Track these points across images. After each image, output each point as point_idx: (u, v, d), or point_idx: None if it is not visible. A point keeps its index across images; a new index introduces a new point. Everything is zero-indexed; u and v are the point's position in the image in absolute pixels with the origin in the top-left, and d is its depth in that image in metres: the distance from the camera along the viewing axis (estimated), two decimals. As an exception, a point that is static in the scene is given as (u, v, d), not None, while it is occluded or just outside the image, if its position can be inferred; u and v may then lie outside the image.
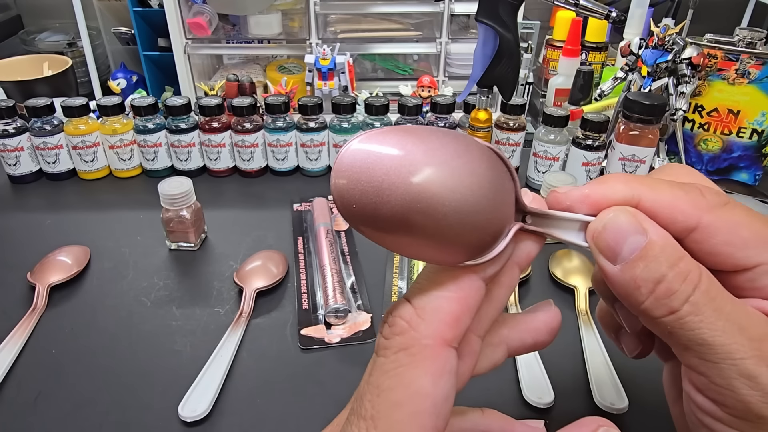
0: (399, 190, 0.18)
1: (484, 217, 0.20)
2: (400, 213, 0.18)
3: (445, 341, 0.19)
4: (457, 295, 0.20)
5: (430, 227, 0.19)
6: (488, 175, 0.20)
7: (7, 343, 0.49)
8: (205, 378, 0.46)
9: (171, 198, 0.60)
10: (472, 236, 0.20)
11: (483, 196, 0.20)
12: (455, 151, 0.20)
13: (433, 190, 0.19)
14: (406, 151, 0.19)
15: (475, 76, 0.63)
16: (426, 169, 0.19)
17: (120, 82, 1.08)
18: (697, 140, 0.79)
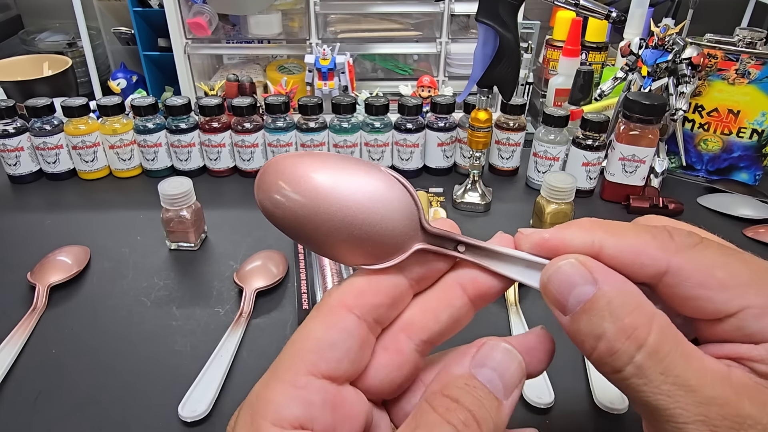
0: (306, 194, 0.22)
1: (379, 228, 0.22)
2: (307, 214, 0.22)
3: (346, 306, 0.22)
4: (366, 277, 0.23)
5: (336, 232, 0.22)
6: (386, 194, 0.23)
7: (7, 343, 0.49)
8: (205, 378, 0.46)
9: (171, 198, 0.60)
10: (368, 244, 0.22)
11: (378, 210, 0.22)
12: (356, 168, 0.23)
13: (335, 195, 0.22)
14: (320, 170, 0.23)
15: (475, 76, 0.63)
16: (327, 177, 0.22)
17: (120, 82, 1.08)
18: (697, 140, 0.79)
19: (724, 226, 0.71)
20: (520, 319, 0.53)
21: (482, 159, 0.73)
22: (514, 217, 0.71)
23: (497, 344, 0.21)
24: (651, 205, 0.72)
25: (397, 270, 0.23)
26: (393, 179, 0.23)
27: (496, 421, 0.20)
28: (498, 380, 0.20)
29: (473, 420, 0.19)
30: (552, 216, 0.64)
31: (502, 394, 0.20)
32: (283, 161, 0.22)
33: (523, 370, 0.21)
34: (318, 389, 0.21)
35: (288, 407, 0.20)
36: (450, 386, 0.20)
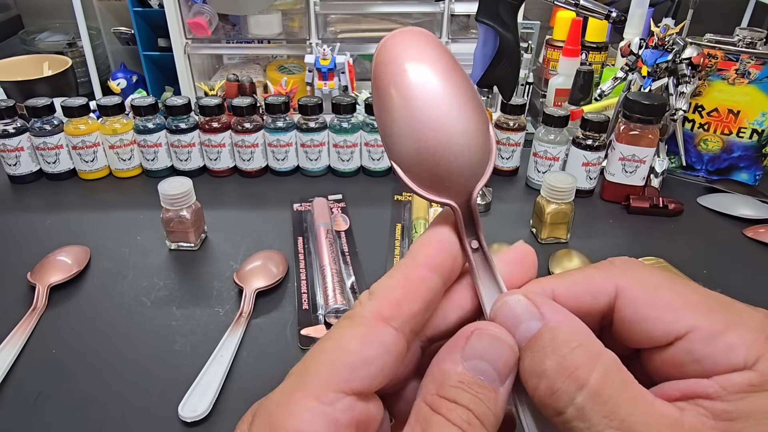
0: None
1: (471, 157, 0.22)
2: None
3: (383, 318, 0.20)
4: (401, 283, 0.21)
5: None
6: (478, 135, 0.22)
7: (7, 343, 0.49)
8: (205, 378, 0.46)
9: (171, 198, 0.60)
10: (461, 161, 0.21)
11: (477, 142, 0.22)
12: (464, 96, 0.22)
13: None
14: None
15: (475, 76, 0.63)
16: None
17: (120, 82, 1.08)
18: (697, 140, 0.79)
19: (724, 226, 0.71)
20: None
21: (482, 159, 0.72)
22: (514, 217, 0.71)
23: (484, 332, 0.20)
24: (651, 205, 0.72)
25: (431, 270, 0.21)
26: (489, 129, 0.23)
27: (495, 411, 0.19)
28: (491, 370, 0.20)
29: (475, 418, 0.19)
30: (552, 216, 0.64)
31: (498, 382, 0.20)
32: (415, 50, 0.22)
33: (515, 352, 0.20)
34: (346, 407, 0.19)
35: (312, 424, 0.19)
36: (445, 386, 0.20)
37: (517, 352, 0.20)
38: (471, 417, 0.19)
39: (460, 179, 0.22)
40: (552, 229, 0.65)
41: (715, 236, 0.69)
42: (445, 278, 0.22)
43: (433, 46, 0.22)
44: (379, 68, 0.22)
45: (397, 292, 0.21)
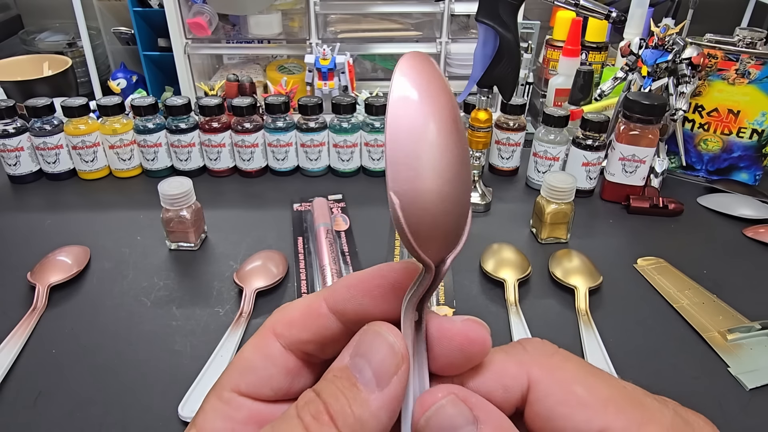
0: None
1: (454, 216, 0.19)
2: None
3: (275, 332, 0.21)
4: (302, 309, 0.21)
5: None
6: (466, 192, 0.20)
7: (7, 343, 0.49)
8: (205, 378, 0.46)
9: (171, 198, 0.60)
10: (446, 223, 0.19)
11: (463, 199, 0.19)
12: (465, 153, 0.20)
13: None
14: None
15: (475, 76, 0.63)
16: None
17: (120, 82, 1.08)
18: (697, 140, 0.79)
19: (724, 226, 0.71)
20: (520, 319, 0.53)
21: (482, 159, 0.73)
22: (514, 217, 0.71)
23: (368, 327, 0.19)
24: (651, 205, 0.72)
25: (333, 311, 0.21)
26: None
27: (360, 414, 0.17)
28: (367, 369, 0.18)
29: (325, 413, 0.18)
30: (552, 216, 0.64)
31: (373, 384, 0.18)
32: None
33: (398, 355, 0.18)
34: (240, 406, 0.21)
35: (211, 419, 0.20)
36: (322, 379, 0.19)
37: (400, 355, 0.18)
38: (320, 412, 0.18)
39: (446, 242, 0.19)
40: (552, 229, 0.65)
41: (715, 236, 0.69)
42: (349, 325, 0.21)
43: (444, 84, 0.20)
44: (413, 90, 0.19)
45: (294, 314, 0.21)
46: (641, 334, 0.53)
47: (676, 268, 0.62)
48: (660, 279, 0.60)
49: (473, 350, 0.20)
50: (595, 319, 0.53)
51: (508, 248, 0.62)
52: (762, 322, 0.53)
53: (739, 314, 0.55)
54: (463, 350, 0.20)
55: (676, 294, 0.58)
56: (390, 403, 0.18)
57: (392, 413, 0.18)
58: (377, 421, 0.18)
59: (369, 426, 0.18)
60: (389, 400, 0.18)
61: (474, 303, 0.57)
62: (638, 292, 0.59)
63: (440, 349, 0.20)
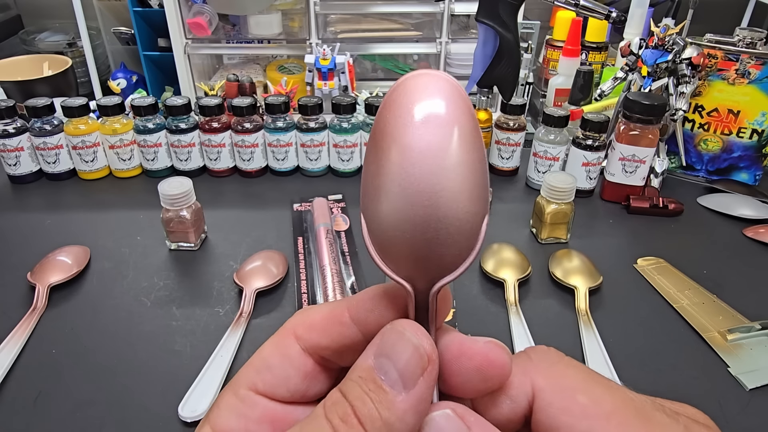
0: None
1: (468, 226, 0.18)
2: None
3: (295, 334, 0.21)
4: (324, 314, 0.21)
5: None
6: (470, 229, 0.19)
7: (7, 343, 0.49)
8: (205, 378, 0.46)
9: (171, 198, 0.60)
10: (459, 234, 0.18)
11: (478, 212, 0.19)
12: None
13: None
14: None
15: (475, 76, 0.63)
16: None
17: (120, 82, 1.08)
18: (697, 140, 0.79)
19: (724, 226, 0.71)
20: (520, 319, 0.53)
21: (482, 159, 0.72)
22: (514, 217, 0.71)
23: (391, 326, 0.19)
24: (651, 205, 0.72)
25: (355, 321, 0.21)
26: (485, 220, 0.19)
27: (387, 417, 0.17)
28: (393, 370, 0.18)
29: (353, 416, 0.17)
30: (552, 216, 0.64)
31: (400, 386, 0.18)
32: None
33: (423, 357, 0.18)
34: (254, 404, 0.21)
35: (225, 417, 0.20)
36: (347, 380, 0.18)
37: (426, 356, 0.18)
38: (348, 415, 0.17)
39: (428, 266, 0.18)
40: (552, 229, 0.65)
41: (715, 236, 0.69)
42: (368, 336, 0.20)
43: (459, 100, 0.18)
44: (386, 108, 0.18)
45: (316, 318, 0.21)
46: (641, 334, 0.53)
47: (676, 268, 0.62)
48: (660, 279, 0.60)
49: (492, 373, 0.19)
50: (595, 319, 0.53)
51: (508, 248, 0.62)
52: (762, 322, 0.53)
53: (739, 314, 0.55)
54: (481, 371, 0.19)
55: (676, 294, 0.58)
56: (417, 405, 0.18)
57: (419, 415, 0.18)
58: (404, 424, 0.17)
59: (396, 428, 0.17)
60: (416, 402, 0.18)
61: (474, 303, 0.57)
62: (638, 292, 0.59)
63: (458, 368, 0.19)
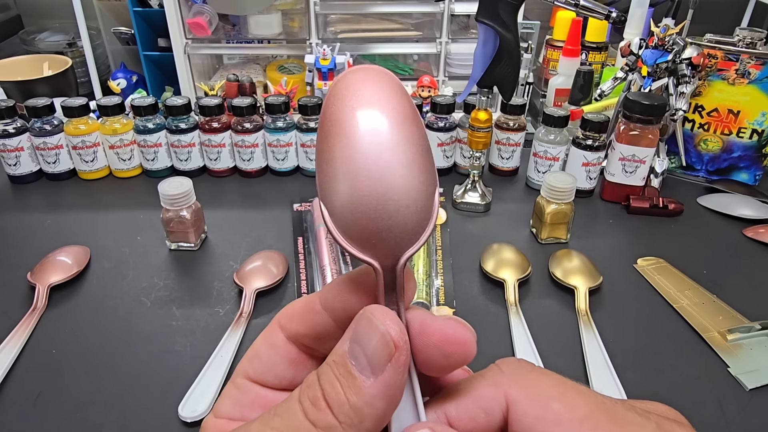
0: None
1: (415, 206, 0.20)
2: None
3: (280, 324, 0.23)
4: (302, 305, 0.23)
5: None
6: (422, 203, 0.20)
7: (7, 343, 0.49)
8: (205, 378, 0.46)
9: (171, 198, 0.60)
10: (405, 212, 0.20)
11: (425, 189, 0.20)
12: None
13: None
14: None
15: (475, 76, 0.63)
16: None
17: (120, 82, 1.08)
18: (697, 140, 0.79)
19: (724, 226, 0.71)
20: (520, 319, 0.53)
21: (482, 159, 0.73)
22: (514, 217, 0.71)
23: (362, 313, 0.19)
24: (651, 205, 0.72)
25: (326, 308, 0.22)
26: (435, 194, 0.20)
27: (354, 402, 0.17)
28: (362, 356, 0.18)
29: (322, 399, 0.18)
30: (552, 216, 0.64)
31: (368, 371, 0.18)
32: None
33: (389, 343, 0.18)
34: (249, 391, 0.22)
35: (224, 404, 0.22)
36: (324, 363, 0.19)
37: (392, 343, 0.18)
38: (318, 398, 0.18)
39: (390, 240, 0.20)
40: (552, 229, 0.65)
41: (715, 236, 0.69)
42: (339, 322, 0.21)
43: (393, 90, 0.20)
44: (330, 101, 0.20)
45: (296, 308, 0.23)
46: (641, 334, 0.53)
47: (676, 268, 0.62)
48: (660, 279, 0.60)
49: (451, 349, 0.20)
50: (595, 319, 0.53)
51: (508, 248, 0.62)
52: (762, 322, 0.53)
53: (739, 314, 0.55)
54: (440, 347, 0.20)
55: (676, 294, 0.58)
56: (385, 390, 0.18)
57: (389, 401, 0.18)
58: (372, 409, 0.18)
59: (364, 413, 0.18)
60: (384, 388, 0.18)
61: (474, 303, 0.57)
62: (638, 292, 0.59)
63: (419, 344, 0.20)
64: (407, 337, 0.19)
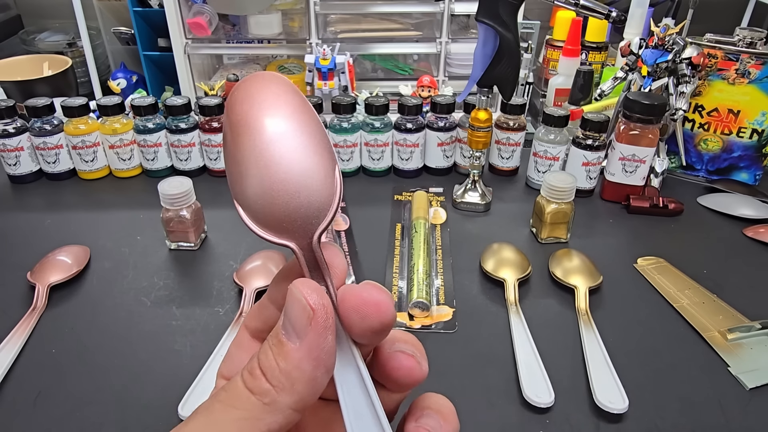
0: None
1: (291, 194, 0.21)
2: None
3: (245, 324, 0.25)
4: (260, 303, 0.24)
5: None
6: (316, 173, 0.22)
7: (7, 343, 0.49)
8: (205, 378, 0.46)
9: (171, 198, 0.60)
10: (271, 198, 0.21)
11: (301, 180, 0.21)
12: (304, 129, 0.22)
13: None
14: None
15: (475, 76, 0.63)
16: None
17: (120, 82, 1.08)
18: (697, 140, 0.79)
19: (724, 226, 0.71)
20: (520, 319, 0.53)
21: (482, 159, 0.73)
22: (514, 217, 0.71)
23: (288, 290, 0.20)
24: (651, 204, 0.72)
25: (270, 300, 0.24)
26: (334, 166, 0.22)
27: (284, 367, 0.19)
28: (289, 324, 0.20)
29: (258, 368, 0.20)
30: (552, 216, 0.64)
31: (294, 338, 0.20)
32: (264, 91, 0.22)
33: (306, 308, 0.19)
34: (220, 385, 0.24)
35: (207, 399, 0.23)
36: (266, 339, 0.21)
37: (308, 307, 0.19)
38: (254, 368, 0.20)
39: (298, 220, 0.21)
40: (552, 229, 0.65)
41: (715, 236, 0.69)
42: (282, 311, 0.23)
43: (285, 90, 0.23)
44: (231, 106, 0.22)
45: (254, 307, 0.25)
46: (641, 334, 0.53)
47: (676, 267, 0.62)
48: (660, 279, 0.60)
49: (367, 311, 0.21)
50: (595, 319, 0.53)
51: (508, 248, 0.62)
52: (762, 321, 0.53)
53: (739, 314, 0.55)
54: (357, 310, 0.21)
55: (676, 294, 0.58)
56: (310, 353, 0.19)
57: (316, 363, 0.19)
58: (301, 372, 0.19)
59: (294, 376, 0.19)
60: (308, 350, 0.19)
61: (474, 303, 0.57)
62: (638, 291, 0.59)
63: (342, 311, 0.21)
64: (327, 302, 0.20)
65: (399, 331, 0.24)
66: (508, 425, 0.44)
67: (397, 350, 0.22)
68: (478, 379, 0.47)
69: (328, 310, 0.20)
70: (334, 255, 0.23)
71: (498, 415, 0.44)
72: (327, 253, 0.22)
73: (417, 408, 0.23)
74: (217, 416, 0.19)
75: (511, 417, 0.44)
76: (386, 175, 0.82)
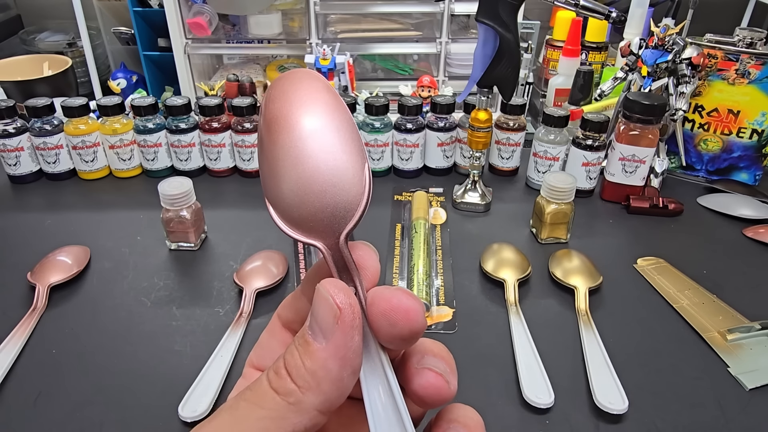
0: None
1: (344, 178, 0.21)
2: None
3: (277, 313, 0.26)
4: (291, 295, 0.25)
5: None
6: (348, 176, 0.21)
7: (7, 343, 0.49)
8: (205, 378, 0.46)
9: (171, 198, 0.60)
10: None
11: (331, 180, 0.21)
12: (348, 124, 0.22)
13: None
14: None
15: (475, 76, 0.63)
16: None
17: (120, 82, 1.08)
18: (697, 140, 0.79)
19: (724, 226, 0.71)
20: (520, 319, 0.53)
21: (482, 159, 0.73)
22: (514, 217, 0.71)
23: (315, 289, 0.20)
24: (651, 205, 0.72)
25: (303, 292, 0.24)
26: (364, 171, 0.22)
27: (309, 366, 0.19)
28: (315, 324, 0.20)
29: (283, 368, 0.20)
30: (552, 216, 0.64)
31: (320, 338, 0.19)
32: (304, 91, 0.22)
33: (333, 307, 0.19)
34: (252, 377, 0.24)
35: (234, 392, 0.24)
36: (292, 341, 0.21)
37: (335, 306, 0.19)
38: (280, 368, 0.20)
39: (325, 219, 0.21)
40: (552, 229, 0.65)
41: (715, 236, 0.69)
42: None
43: (318, 87, 0.23)
44: (266, 103, 0.22)
45: (288, 297, 0.25)
46: (641, 334, 0.53)
47: (676, 268, 0.62)
48: (660, 279, 0.60)
49: (395, 317, 0.20)
50: (595, 319, 0.53)
51: (508, 248, 0.62)
52: (762, 322, 0.53)
53: (739, 314, 0.55)
54: (386, 316, 0.20)
55: (676, 294, 0.58)
56: (336, 352, 0.19)
57: (342, 363, 0.19)
58: (326, 372, 0.19)
59: (320, 376, 0.19)
60: (335, 350, 0.19)
61: (474, 303, 0.57)
62: (638, 292, 0.59)
63: (371, 315, 0.21)
64: (355, 301, 0.20)
65: (430, 341, 0.23)
66: (508, 425, 0.44)
67: (426, 366, 0.22)
68: (477, 380, 0.47)
69: (355, 310, 0.20)
70: (366, 257, 0.22)
71: (498, 416, 0.44)
72: (359, 253, 0.22)
73: (443, 420, 0.22)
74: (241, 414, 0.19)
75: (510, 417, 0.44)
76: (386, 175, 0.82)
